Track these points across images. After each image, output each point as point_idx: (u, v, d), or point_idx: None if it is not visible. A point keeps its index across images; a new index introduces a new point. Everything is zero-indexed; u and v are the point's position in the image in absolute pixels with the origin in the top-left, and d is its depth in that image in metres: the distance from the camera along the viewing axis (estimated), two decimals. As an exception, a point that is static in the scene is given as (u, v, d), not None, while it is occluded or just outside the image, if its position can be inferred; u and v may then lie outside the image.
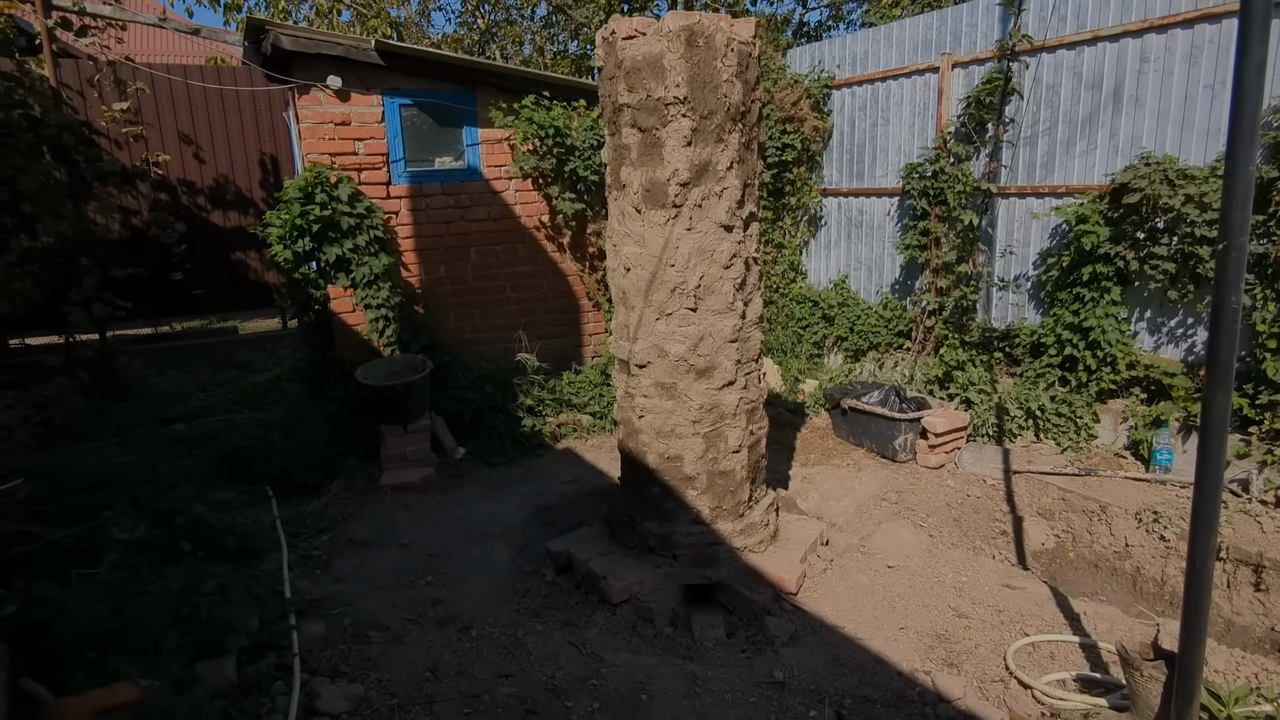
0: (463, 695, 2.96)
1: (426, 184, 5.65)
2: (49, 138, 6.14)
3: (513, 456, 5.28)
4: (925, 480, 4.89)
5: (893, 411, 5.07)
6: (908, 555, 3.97)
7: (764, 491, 3.93)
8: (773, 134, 6.94)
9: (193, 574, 3.71)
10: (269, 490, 4.86)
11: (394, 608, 3.65)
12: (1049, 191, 5.16)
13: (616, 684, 2.99)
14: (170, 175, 7.97)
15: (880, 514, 4.54)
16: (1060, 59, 5.01)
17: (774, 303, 7.38)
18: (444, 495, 4.81)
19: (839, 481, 4.93)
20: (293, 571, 3.92)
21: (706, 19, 3.23)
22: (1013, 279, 5.47)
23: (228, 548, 3.99)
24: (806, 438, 5.69)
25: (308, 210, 5.07)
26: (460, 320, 5.94)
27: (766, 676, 3.02)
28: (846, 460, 5.27)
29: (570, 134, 5.69)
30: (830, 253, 7.16)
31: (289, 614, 3.51)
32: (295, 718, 2.80)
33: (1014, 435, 5.14)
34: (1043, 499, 4.65)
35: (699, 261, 3.39)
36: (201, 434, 5.73)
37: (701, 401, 3.53)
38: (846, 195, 6.86)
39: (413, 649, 3.29)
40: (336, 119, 5.25)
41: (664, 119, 3.28)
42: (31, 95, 6.10)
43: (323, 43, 5.01)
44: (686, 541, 3.63)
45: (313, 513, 4.61)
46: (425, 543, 4.25)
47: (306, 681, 3.01)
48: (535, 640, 3.33)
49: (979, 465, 4.91)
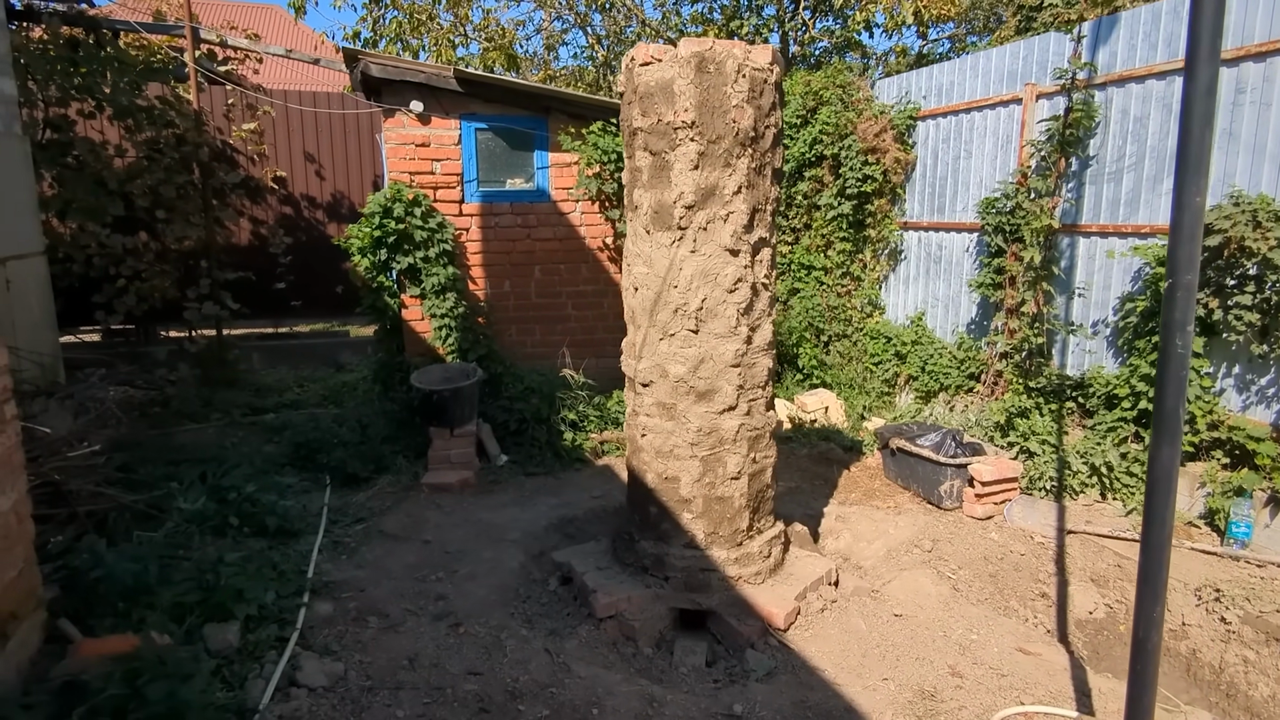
0: (429, 686, 3.07)
1: (497, 203, 5.96)
2: (188, 154, 6.97)
3: (551, 468, 5.42)
4: (967, 530, 4.59)
5: (941, 456, 4.81)
6: (920, 605, 3.75)
7: (770, 523, 3.84)
8: (853, 165, 6.81)
9: (231, 546, 4.08)
10: (327, 479, 5.25)
11: (400, 598, 3.83)
12: (1131, 231, 4.76)
13: (574, 695, 3.01)
14: (295, 190, 8.81)
15: (908, 560, 4.30)
16: (1149, 90, 4.64)
17: (848, 336, 7.19)
18: (476, 499, 5.00)
19: (874, 523, 4.71)
20: (321, 554, 4.21)
21: (720, 45, 3.27)
22: (1090, 324, 5.07)
23: (268, 526, 4.34)
24: (854, 476, 5.48)
25: (385, 224, 5.48)
26: (521, 334, 6.19)
27: (726, 709, 2.95)
28: (888, 502, 5.03)
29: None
30: (909, 288, 6.89)
31: (304, 592, 3.76)
32: (275, 686, 3.00)
33: (1075, 492, 4.73)
34: (1097, 563, 4.25)
35: (701, 284, 3.41)
36: (283, 424, 6.25)
37: (700, 424, 3.52)
38: (926, 229, 6.59)
39: (402, 638, 3.45)
40: (417, 140, 5.66)
41: (673, 143, 3.34)
42: (179, 116, 6.96)
43: (406, 70, 5.43)
44: (679, 564, 3.61)
45: (356, 503, 4.93)
46: (446, 541, 4.44)
47: (297, 655, 3.22)
48: (515, 644, 3.41)
49: (1029, 520, 4.55)
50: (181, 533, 4.19)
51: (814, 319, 7.20)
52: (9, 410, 2.97)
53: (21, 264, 4.96)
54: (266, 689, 2.96)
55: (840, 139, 6.92)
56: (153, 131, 6.84)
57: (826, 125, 7.02)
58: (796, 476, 5.44)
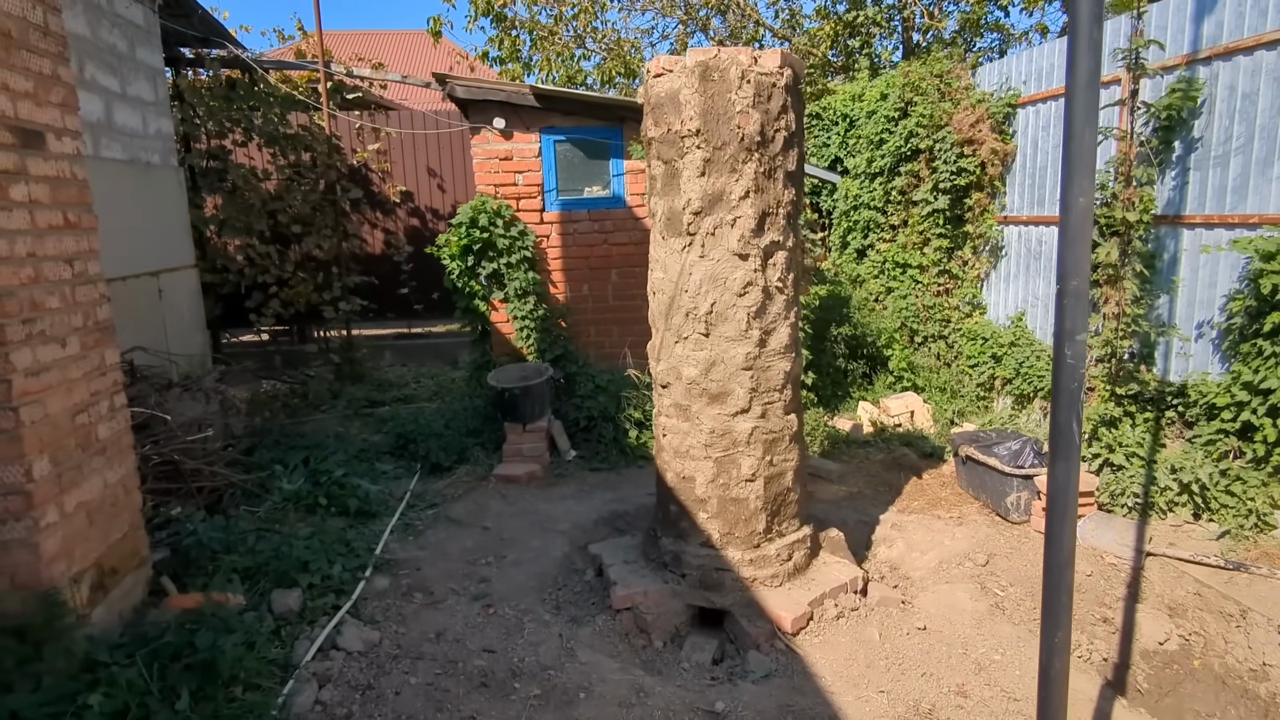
0: (445, 659, 3.37)
1: (575, 211, 6.24)
2: (321, 174, 7.84)
3: (614, 464, 5.62)
4: (1030, 546, 4.29)
5: (1007, 466, 4.52)
6: (950, 620, 3.59)
7: (793, 527, 3.81)
8: (947, 158, 6.49)
9: (318, 523, 4.61)
10: (418, 467, 5.77)
11: (448, 578, 4.18)
12: (1239, 221, 4.23)
13: (568, 679, 3.19)
14: (420, 203, 9.61)
15: (958, 573, 4.10)
16: (1258, 62, 4.10)
17: (944, 338, 6.85)
18: (540, 490, 5.30)
19: (931, 533, 4.52)
20: (392, 535, 4.66)
21: (725, 53, 3.32)
22: (1194, 326, 4.55)
23: (349, 508, 4.86)
24: (923, 484, 5.25)
25: (471, 233, 5.92)
26: (599, 335, 6.44)
27: (709, 705, 3.01)
28: (953, 512, 4.79)
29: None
30: (1009, 286, 6.46)
31: (366, 567, 4.21)
32: (318, 647, 3.41)
33: (1163, 511, 4.28)
34: (1175, 590, 3.85)
35: (711, 288, 3.47)
36: (392, 416, 6.90)
37: (712, 426, 3.58)
38: (1026, 224, 6.15)
39: (439, 614, 3.78)
40: (501, 154, 6.06)
41: (681, 151, 3.42)
42: (314, 141, 7.84)
43: (489, 89, 5.83)
44: (695, 563, 3.69)
45: (434, 490, 5.38)
46: (503, 529, 4.76)
47: (343, 622, 3.64)
48: (535, 627, 3.64)
49: (1102, 538, 4.18)
50: (279, 509, 4.80)
51: (908, 319, 6.91)
52: (119, 400, 3.58)
53: (173, 276, 5.84)
54: (310, 649, 3.37)
55: (935, 130, 6.60)
56: (294, 156, 7.76)
57: (922, 118, 6.72)
58: (863, 481, 5.29)
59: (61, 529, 3.03)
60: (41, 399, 2.96)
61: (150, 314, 5.49)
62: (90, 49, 4.91)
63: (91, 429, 3.31)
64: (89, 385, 3.33)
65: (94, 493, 3.29)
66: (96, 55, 4.99)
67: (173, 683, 2.89)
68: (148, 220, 5.49)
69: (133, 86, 5.47)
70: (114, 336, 3.59)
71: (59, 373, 3.09)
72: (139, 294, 5.32)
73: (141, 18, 5.63)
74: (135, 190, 5.35)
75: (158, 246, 5.63)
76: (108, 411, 3.47)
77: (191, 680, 2.92)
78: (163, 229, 5.73)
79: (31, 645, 2.83)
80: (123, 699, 2.77)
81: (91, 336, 3.38)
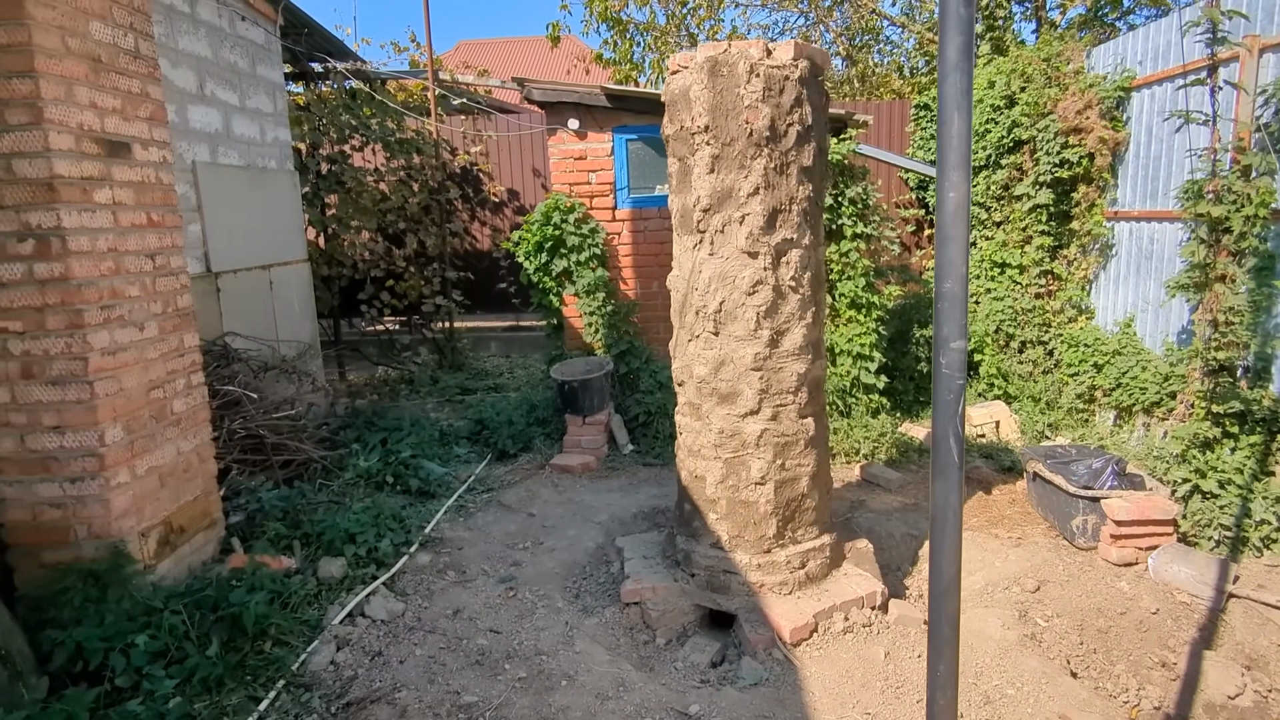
0: (453, 635, 3.55)
1: (646, 208, 6.30)
2: (429, 175, 8.37)
3: (668, 460, 5.63)
4: (1090, 575, 3.89)
5: (1071, 485, 4.13)
6: (971, 647, 3.34)
7: (810, 534, 3.69)
8: (1049, 148, 5.97)
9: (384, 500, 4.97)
10: (489, 453, 6.06)
11: (484, 559, 4.39)
12: (1369, 216, 3.62)
13: (557, 665, 3.27)
14: (525, 202, 10.01)
15: (1000, 598, 3.80)
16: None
17: (1043, 343, 6.32)
18: (590, 482, 5.41)
19: (984, 553, 4.21)
20: (446, 515, 4.94)
21: (735, 47, 3.27)
22: (1316, 337, 3.93)
23: (411, 487, 5.20)
24: (990, 500, 4.88)
25: (543, 230, 6.14)
26: (667, 332, 6.42)
27: (683, 707, 2.99)
28: (1014, 532, 4.42)
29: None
30: (1118, 288, 5.85)
31: (412, 543, 4.50)
32: (347, 613, 3.70)
33: (1259, 548, 3.75)
34: (1257, 638, 3.38)
35: (720, 286, 3.42)
36: (478, 403, 7.27)
37: (721, 426, 3.53)
38: (1137, 220, 5.54)
39: (463, 592, 3.99)
40: (575, 154, 6.22)
41: (692, 148, 3.41)
42: (424, 144, 8.39)
43: (563, 91, 6.01)
44: (703, 563, 3.66)
45: (495, 475, 5.63)
46: (546, 517, 4.92)
47: (376, 592, 3.92)
48: (545, 613, 3.76)
49: (1176, 573, 3.72)
50: (351, 485, 5.21)
51: (1004, 323, 6.42)
52: (196, 378, 4.04)
53: (284, 269, 6.47)
54: (339, 615, 3.66)
55: (1039, 119, 6.09)
56: (405, 159, 8.34)
57: (1027, 106, 6.22)
58: (923, 493, 5.00)
59: (132, 488, 3.48)
60: (116, 375, 3.40)
61: (260, 304, 6.11)
62: (211, 68, 5.54)
63: (166, 403, 3.77)
64: (166, 364, 3.78)
65: (166, 459, 3.74)
66: (217, 73, 5.61)
67: (207, 631, 3.24)
68: (260, 219, 6.11)
69: (252, 100, 6.10)
70: (194, 323, 4.05)
71: (135, 353, 3.54)
72: (250, 285, 5.94)
73: (262, 38, 6.27)
74: (250, 192, 5.97)
75: (269, 243, 6.25)
76: (184, 388, 3.93)
77: (223, 630, 3.27)
78: (275, 227, 6.35)
79: (100, 587, 3.27)
80: (164, 641, 3.15)
81: (170, 322, 3.84)
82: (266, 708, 3.02)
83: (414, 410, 7.15)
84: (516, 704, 3.01)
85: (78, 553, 3.34)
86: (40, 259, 3.14)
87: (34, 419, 3.26)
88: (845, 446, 5.48)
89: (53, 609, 3.22)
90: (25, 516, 3.33)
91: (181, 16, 5.20)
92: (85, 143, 3.28)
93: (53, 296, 3.17)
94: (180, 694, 3.00)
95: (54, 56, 3.10)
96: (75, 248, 3.18)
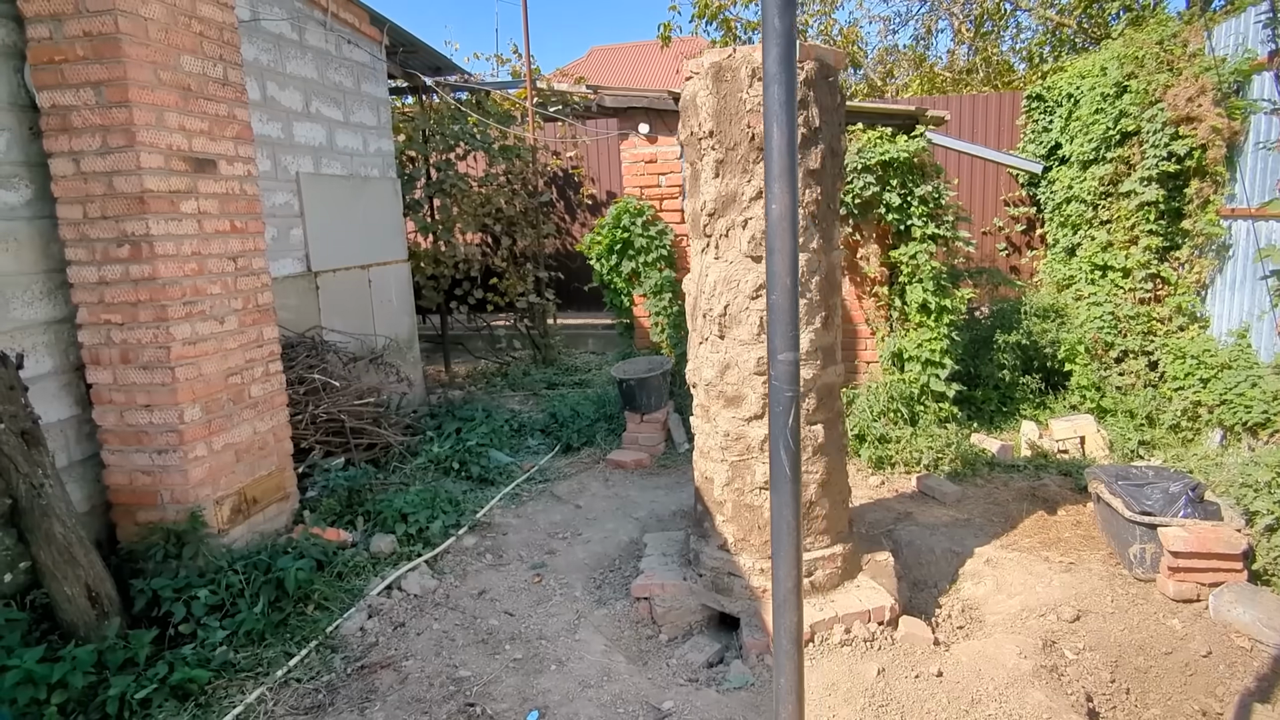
0: (470, 614, 3.80)
1: (715, 209, 6.32)
2: (528, 179, 8.78)
3: (721, 462, 5.64)
4: (1140, 609, 3.56)
5: (1127, 510, 3.78)
6: (979, 674, 3.17)
7: (819, 542, 3.62)
8: (1156, 140, 5.45)
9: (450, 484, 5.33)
10: (556, 445, 6.33)
11: (524, 546, 4.63)
12: None
13: (552, 650, 3.44)
14: (623, 203, 10.26)
15: (1033, 625, 3.56)
16: None
17: (1147, 353, 5.78)
18: (640, 478, 5.53)
19: (1028, 576, 3.95)
20: (500, 502, 5.23)
21: (740, 52, 3.28)
22: None
23: (472, 474, 5.54)
24: (1051, 520, 4.54)
25: (613, 233, 6.32)
26: (736, 333, 6.44)
27: (658, 704, 3.06)
28: (1069, 556, 4.10)
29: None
30: (1234, 294, 5.24)
31: (462, 526, 4.81)
32: (386, 585, 4.04)
33: (1345, 593, 3.28)
34: (1321, 695, 2.98)
35: (725, 290, 3.44)
36: (560, 397, 7.57)
37: (727, 429, 3.55)
38: (1257, 218, 4.94)
39: (494, 575, 4.24)
40: (646, 158, 6.35)
41: (700, 153, 3.45)
42: (522, 150, 8.82)
43: (633, 96, 6.15)
44: (709, 564, 3.69)
45: (556, 467, 5.87)
46: (591, 509, 5.09)
47: (417, 568, 4.25)
48: (560, 600, 3.93)
49: (1240, 614, 3.33)
50: (421, 469, 5.63)
51: (1103, 330, 5.90)
52: (274, 367, 4.53)
53: (382, 269, 7.04)
54: (377, 587, 4.01)
55: (1148, 107, 5.55)
56: (505, 164, 8.80)
57: (1135, 94, 5.69)
58: (979, 508, 4.73)
59: (208, 461, 3.98)
60: (196, 362, 3.91)
61: (358, 300, 6.69)
62: (317, 87, 6.14)
63: (244, 388, 4.27)
64: (245, 354, 4.29)
65: (243, 437, 4.24)
66: (323, 92, 6.21)
67: (258, 590, 3.67)
68: (360, 223, 6.69)
69: (356, 114, 6.69)
70: (273, 317, 4.55)
71: (215, 343, 4.05)
72: (348, 283, 6.52)
73: (367, 58, 6.86)
74: (350, 199, 6.56)
75: (368, 244, 6.83)
76: (262, 375, 4.43)
77: (269, 591, 3.68)
78: (374, 230, 6.93)
79: (177, 545, 3.78)
80: (222, 596, 3.60)
81: (250, 316, 4.34)
82: (296, 663, 3.38)
83: (499, 402, 7.56)
84: (504, 682, 3.20)
85: (162, 514, 3.86)
86: (133, 261, 3.67)
87: (130, 398, 3.81)
88: (905, 456, 5.27)
89: (140, 561, 3.76)
90: (124, 480, 3.90)
91: (290, 44, 5.81)
92: (174, 160, 3.79)
93: (143, 294, 3.70)
94: (228, 644, 3.42)
95: (146, 87, 3.61)
96: (161, 251, 3.69)
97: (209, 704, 3.09)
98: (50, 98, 3.57)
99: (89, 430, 3.89)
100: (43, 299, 3.73)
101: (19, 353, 3.46)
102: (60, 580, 3.38)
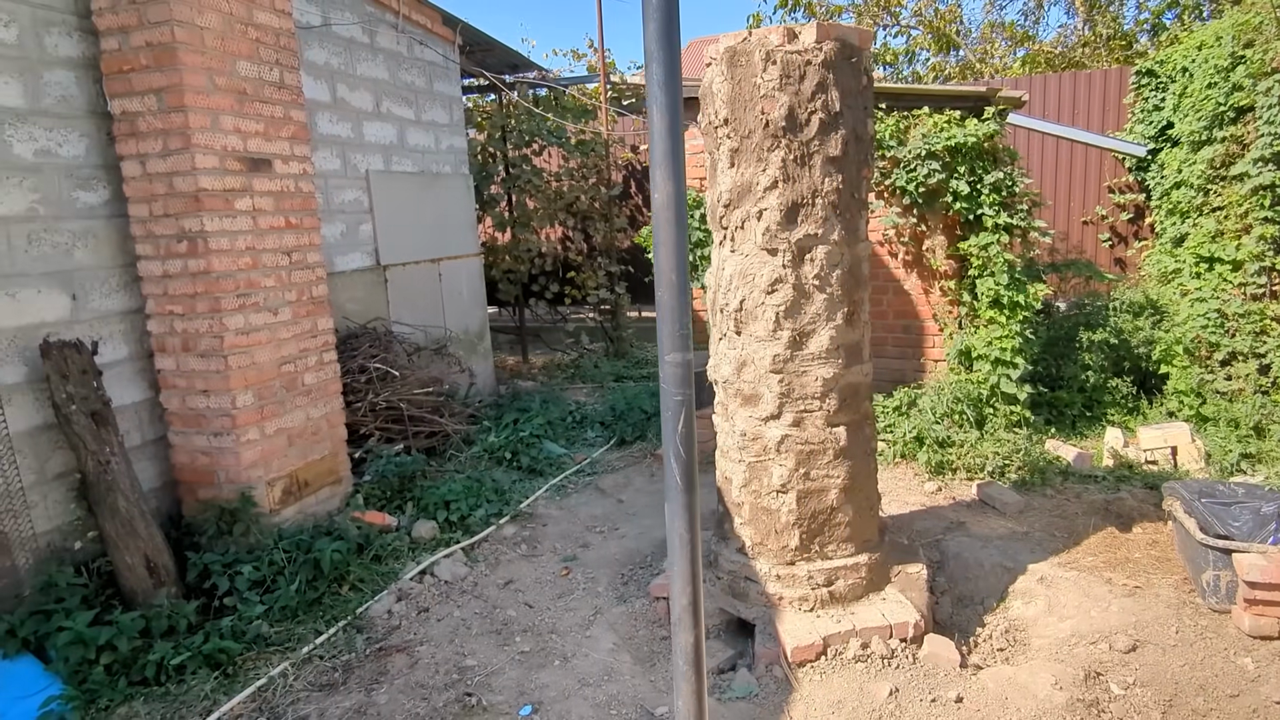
0: (491, 602, 3.86)
1: (776, 201, 6.11)
2: (601, 173, 8.83)
3: (771, 462, 5.46)
4: (1208, 644, 3.17)
5: (1199, 532, 3.38)
6: (1003, 703, 2.92)
7: (842, 550, 3.44)
8: (1272, 116, 4.84)
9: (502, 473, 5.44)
10: (613, 439, 6.33)
11: (560, 538, 4.66)
12: None
13: (560, 645, 3.44)
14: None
15: (1080, 654, 3.24)
16: None
17: (1259, 356, 5.17)
18: (686, 476, 5.43)
19: (1085, 598, 3.60)
20: (546, 493, 5.29)
21: (755, 35, 3.15)
22: None
23: (523, 464, 5.62)
24: (1122, 539, 4.12)
25: (672, 225, 6.24)
26: (797, 329, 6.22)
27: (652, 708, 3.00)
28: (1135, 579, 3.71)
29: (891, 145, 5.30)
30: (1365, 291, 4.58)
31: (504, 516, 4.90)
32: (420, 570, 4.17)
33: None
34: None
35: (740, 284, 3.32)
36: (620, 390, 7.58)
37: (744, 428, 3.43)
38: (1391, 202, 4.29)
39: (526, 566, 4.29)
40: (699, 149, 6.22)
41: (716, 142, 3.34)
42: (597, 144, 8.87)
43: (689, 87, 6.02)
44: (727, 567, 3.59)
45: (607, 460, 5.88)
46: (632, 504, 5.06)
47: (452, 555, 4.35)
48: (581, 595, 3.93)
49: (1324, 658, 2.91)
50: (476, 457, 5.78)
51: (1206, 329, 5.30)
52: (328, 356, 4.75)
53: (453, 263, 7.25)
54: (411, 571, 4.14)
55: (1263, 78, 4.94)
56: (580, 159, 8.88)
57: (1250, 65, 5.08)
58: (1042, 521, 4.36)
59: (260, 445, 4.22)
60: (249, 351, 4.15)
61: (428, 293, 6.92)
62: (388, 88, 6.38)
63: (297, 375, 4.50)
64: (298, 344, 4.51)
65: (295, 422, 4.47)
66: (394, 92, 6.45)
67: (297, 569, 3.86)
68: (430, 218, 6.91)
69: (427, 113, 6.91)
70: (329, 309, 4.77)
71: (267, 333, 4.28)
72: (417, 277, 6.76)
73: (439, 58, 7.06)
74: (421, 195, 6.79)
75: (439, 239, 7.04)
76: (315, 364, 4.65)
77: (307, 570, 3.87)
78: (445, 225, 7.14)
79: (230, 523, 4.04)
80: (264, 572, 3.82)
81: (305, 308, 4.57)
82: (322, 641, 3.53)
83: (568, 394, 7.64)
84: (506, 674, 3.23)
85: (218, 493, 4.13)
86: (190, 256, 3.93)
87: (190, 383, 4.09)
88: (966, 461, 4.93)
89: (197, 535, 4.04)
90: (186, 460, 4.19)
91: (361, 47, 6.06)
92: (228, 161, 4.02)
93: (199, 286, 3.95)
94: (264, 618, 3.62)
95: (201, 92, 3.85)
96: (215, 247, 3.93)
97: (236, 674, 3.27)
98: (120, 105, 3.87)
99: (159, 413, 4.20)
100: (119, 291, 4.05)
101: (94, 340, 3.78)
102: (122, 550, 3.67)
